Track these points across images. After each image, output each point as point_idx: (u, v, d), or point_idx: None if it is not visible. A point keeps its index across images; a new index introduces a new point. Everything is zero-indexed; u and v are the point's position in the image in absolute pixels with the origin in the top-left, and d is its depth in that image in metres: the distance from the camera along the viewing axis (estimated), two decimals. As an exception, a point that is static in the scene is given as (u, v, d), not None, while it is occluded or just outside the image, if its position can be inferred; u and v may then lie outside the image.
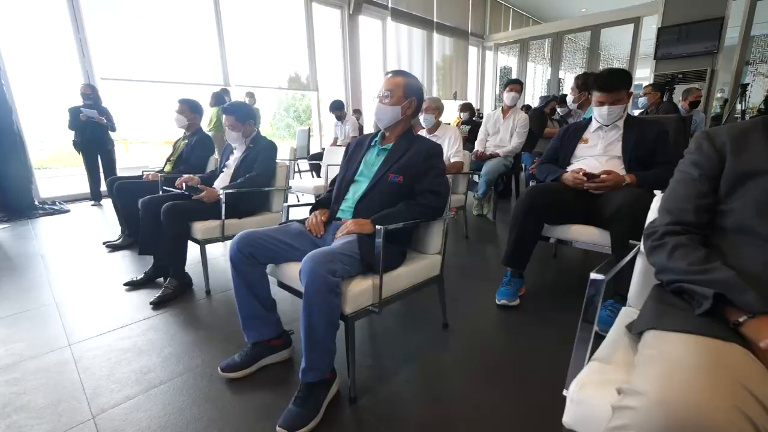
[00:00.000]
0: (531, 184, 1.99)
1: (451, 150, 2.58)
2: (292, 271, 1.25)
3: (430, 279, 1.44)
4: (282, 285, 1.38)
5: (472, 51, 10.72)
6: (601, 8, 9.89)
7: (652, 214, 0.97)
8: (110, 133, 4.43)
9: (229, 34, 5.65)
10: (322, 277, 1.03)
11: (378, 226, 1.14)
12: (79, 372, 1.36)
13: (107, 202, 4.47)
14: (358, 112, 6.71)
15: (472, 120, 4.79)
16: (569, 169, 1.84)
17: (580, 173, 1.71)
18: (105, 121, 4.27)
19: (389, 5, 7.95)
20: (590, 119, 1.93)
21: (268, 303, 1.33)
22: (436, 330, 1.61)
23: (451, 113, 7.76)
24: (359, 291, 1.14)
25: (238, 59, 5.82)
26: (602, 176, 1.66)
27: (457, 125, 5.21)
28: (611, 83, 1.74)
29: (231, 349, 1.43)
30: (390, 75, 1.39)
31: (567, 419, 0.68)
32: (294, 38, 6.62)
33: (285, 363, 1.38)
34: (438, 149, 1.42)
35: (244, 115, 2.15)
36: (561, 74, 10.02)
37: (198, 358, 1.43)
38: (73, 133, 4.26)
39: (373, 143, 1.50)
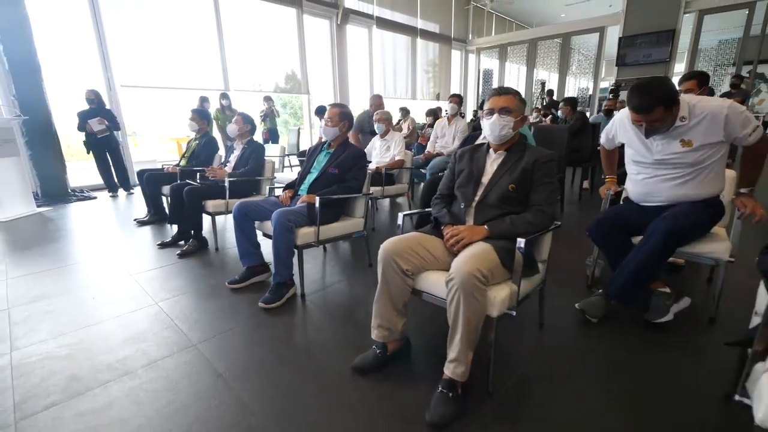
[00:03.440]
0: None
1: (396, 150, 3.46)
2: (270, 225, 2.13)
3: (356, 232, 2.33)
4: (265, 234, 2.27)
5: (455, 54, 11.53)
6: (578, 15, 10.74)
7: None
8: (116, 132, 5.10)
9: (229, 43, 6.48)
10: (282, 222, 1.92)
11: (317, 198, 2.02)
12: (141, 285, 2.26)
13: (122, 193, 5.31)
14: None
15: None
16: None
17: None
18: (106, 124, 4.88)
19: (374, 15, 8.77)
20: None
21: (256, 244, 2.23)
22: (365, 267, 2.51)
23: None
24: (305, 233, 2.03)
25: (237, 66, 6.66)
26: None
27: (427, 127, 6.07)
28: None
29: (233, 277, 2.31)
30: (329, 107, 2.27)
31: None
32: (287, 47, 7.44)
33: (265, 282, 2.27)
34: (361, 153, 2.30)
35: (249, 120, 3.10)
36: (545, 75, 10.88)
37: (212, 280, 2.32)
38: (83, 134, 4.90)
39: (322, 148, 2.38)
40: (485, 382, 1.35)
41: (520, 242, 1.28)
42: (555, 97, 10.06)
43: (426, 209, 1.75)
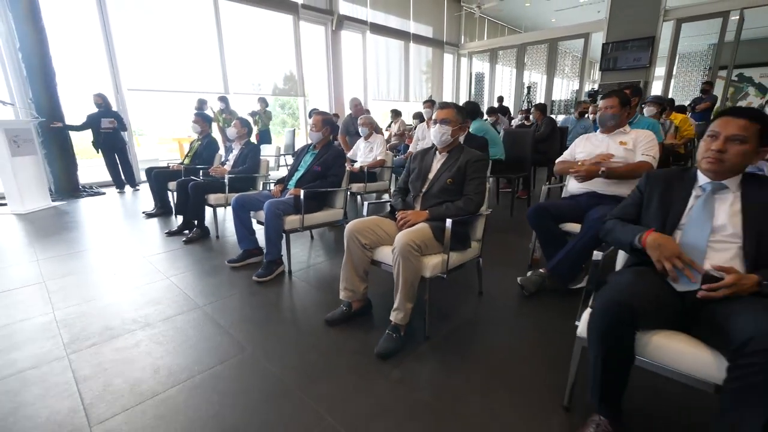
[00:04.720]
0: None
1: (378, 151, 3.87)
2: (263, 213, 2.53)
3: (336, 221, 2.74)
4: (259, 222, 2.67)
5: (448, 58, 11.93)
6: (568, 20, 11.16)
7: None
8: (122, 133, 5.52)
9: (228, 49, 6.88)
10: (272, 210, 2.33)
11: (302, 191, 2.43)
12: (153, 264, 2.67)
13: (128, 189, 5.71)
14: (336, 116, 7.95)
15: (421, 125, 6.04)
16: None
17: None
18: (115, 124, 5.33)
19: (368, 21, 9.17)
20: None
21: (251, 230, 2.64)
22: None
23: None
24: (292, 220, 2.44)
25: (236, 70, 7.06)
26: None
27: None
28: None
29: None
30: (314, 114, 2.68)
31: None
32: (284, 51, 7.84)
33: (259, 262, 2.68)
34: (342, 153, 2.71)
35: (246, 123, 3.51)
36: (537, 77, 11.29)
37: (215, 261, 2.74)
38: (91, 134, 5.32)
39: (309, 149, 2.79)
40: (424, 329, 1.76)
41: (448, 222, 1.69)
42: (543, 100, 10.52)
43: (389, 199, 2.16)
